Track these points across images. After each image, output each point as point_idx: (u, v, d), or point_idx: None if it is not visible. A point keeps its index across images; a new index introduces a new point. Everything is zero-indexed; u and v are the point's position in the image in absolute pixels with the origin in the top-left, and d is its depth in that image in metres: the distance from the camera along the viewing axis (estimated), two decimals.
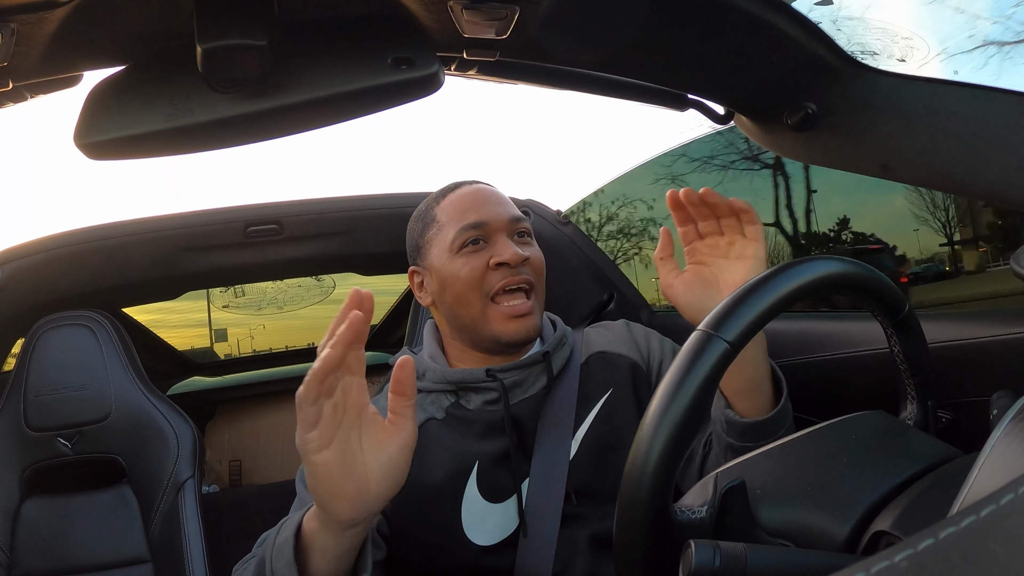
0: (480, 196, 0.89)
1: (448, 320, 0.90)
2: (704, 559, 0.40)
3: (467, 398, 0.87)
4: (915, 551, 0.17)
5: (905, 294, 0.60)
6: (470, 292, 0.85)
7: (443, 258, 0.87)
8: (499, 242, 0.86)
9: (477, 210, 0.87)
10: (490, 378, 0.85)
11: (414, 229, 0.93)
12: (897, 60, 0.78)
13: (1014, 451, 0.33)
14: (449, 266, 0.86)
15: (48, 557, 1.23)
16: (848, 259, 0.55)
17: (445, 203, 0.90)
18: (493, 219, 0.86)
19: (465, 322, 0.87)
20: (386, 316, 2.23)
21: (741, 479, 0.47)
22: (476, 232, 0.86)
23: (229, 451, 2.10)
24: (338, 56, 0.65)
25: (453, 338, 0.91)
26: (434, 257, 0.88)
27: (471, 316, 0.86)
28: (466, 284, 0.85)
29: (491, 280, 0.84)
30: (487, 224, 0.86)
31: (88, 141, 0.62)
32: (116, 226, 1.38)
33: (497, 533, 0.80)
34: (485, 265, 0.84)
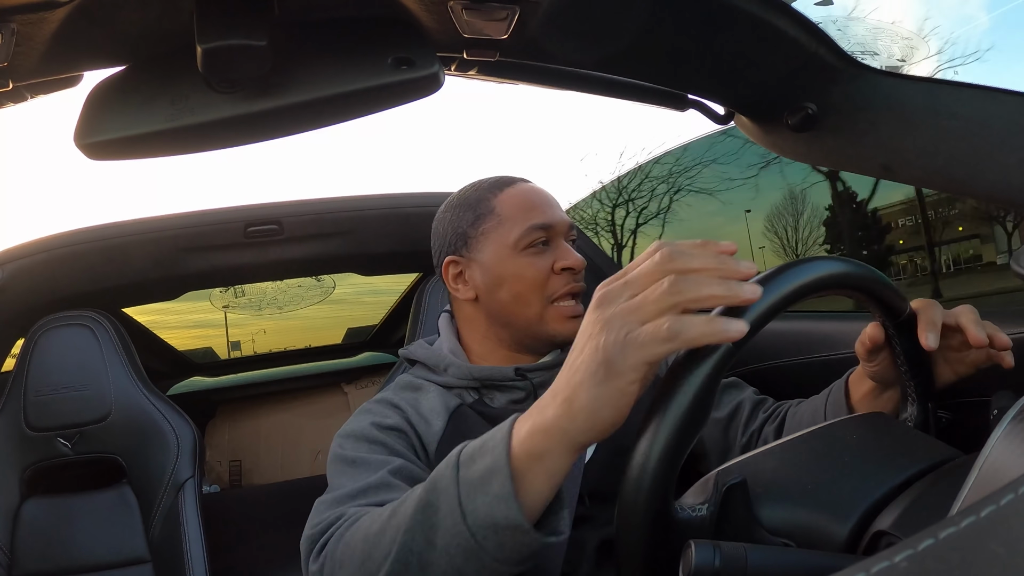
0: (543, 197, 0.88)
1: (493, 316, 0.88)
2: (704, 559, 0.40)
3: (491, 396, 0.85)
4: (915, 551, 0.17)
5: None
6: (533, 293, 0.84)
7: (503, 253, 0.85)
8: (561, 246, 0.86)
9: (543, 211, 0.86)
10: (519, 377, 0.84)
11: (461, 218, 0.89)
12: (897, 60, 0.78)
13: (1014, 451, 0.33)
14: (511, 264, 0.84)
15: (48, 557, 1.23)
16: (849, 259, 0.55)
17: (505, 197, 0.87)
18: (557, 223, 0.86)
19: (518, 321, 0.86)
20: (386, 316, 2.23)
21: (742, 477, 0.47)
22: (543, 234, 0.85)
23: (229, 451, 2.10)
24: (338, 56, 0.65)
25: (487, 334, 0.89)
26: (490, 251, 0.86)
27: (528, 316, 0.85)
28: (530, 285, 0.84)
29: (554, 284, 0.84)
30: (553, 227, 0.85)
31: (88, 141, 0.62)
32: (116, 226, 1.38)
33: None
34: (549, 268, 0.84)
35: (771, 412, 0.87)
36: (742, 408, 0.89)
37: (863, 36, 0.77)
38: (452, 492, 0.51)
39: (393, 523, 0.56)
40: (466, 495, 0.50)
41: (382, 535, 0.56)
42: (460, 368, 0.86)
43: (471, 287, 0.88)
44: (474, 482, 0.50)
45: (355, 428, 0.80)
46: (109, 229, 1.37)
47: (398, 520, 0.55)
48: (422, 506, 0.53)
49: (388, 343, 2.24)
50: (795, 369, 1.10)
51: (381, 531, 0.57)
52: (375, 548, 0.56)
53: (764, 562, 0.41)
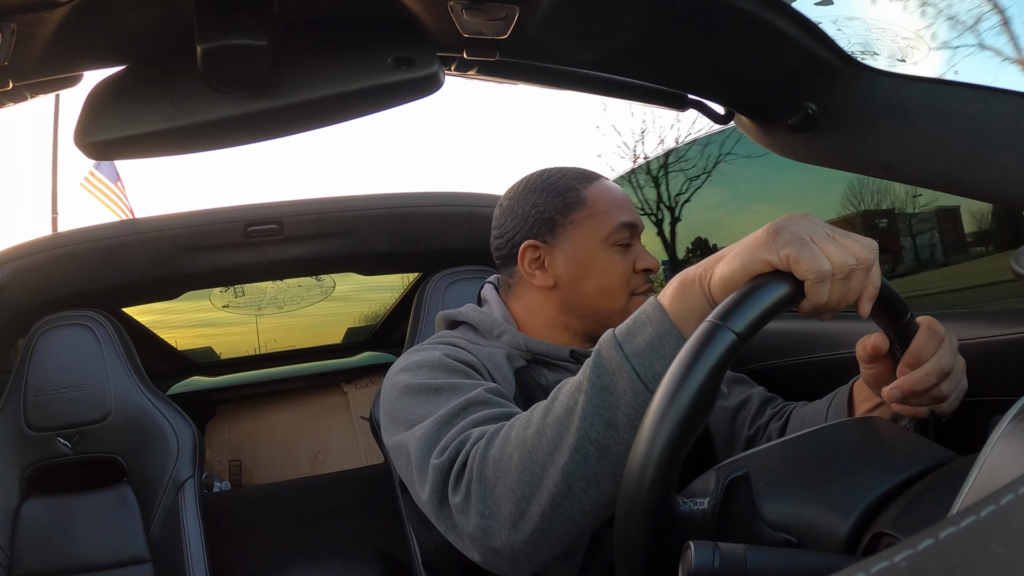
0: (627, 196, 0.91)
1: (570, 305, 0.87)
2: (703, 560, 0.40)
3: (539, 372, 0.84)
4: (915, 551, 0.17)
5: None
6: (619, 288, 0.86)
7: (593, 244, 0.86)
8: (640, 247, 0.89)
9: (631, 211, 0.88)
10: (573, 359, 0.84)
11: (548, 203, 0.87)
12: (897, 60, 0.78)
13: (1014, 451, 0.33)
14: (602, 256, 0.86)
15: (48, 557, 1.23)
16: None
17: (594, 190, 0.88)
18: (640, 224, 0.89)
19: (599, 313, 0.86)
20: (386, 316, 2.23)
21: (745, 470, 0.47)
22: (630, 233, 0.87)
23: (229, 451, 2.10)
24: (338, 56, 0.65)
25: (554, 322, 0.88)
26: (580, 240, 0.86)
27: (611, 308, 0.85)
28: (617, 280, 0.86)
29: (636, 282, 0.87)
30: (638, 227, 0.89)
31: (88, 141, 0.62)
32: (116, 226, 1.38)
33: None
34: (631, 267, 0.87)
35: (778, 410, 0.88)
36: (751, 402, 0.90)
37: (863, 36, 0.77)
38: (626, 366, 0.52)
39: (557, 421, 0.54)
40: (642, 365, 0.51)
41: (546, 437, 0.54)
42: (515, 337, 0.84)
43: (550, 275, 0.87)
44: (645, 351, 0.52)
45: (425, 358, 0.75)
46: (109, 229, 1.37)
47: (564, 415, 0.54)
48: (595, 391, 0.52)
49: (388, 343, 2.24)
50: (795, 369, 1.10)
51: (542, 433, 0.55)
52: (541, 452, 0.54)
53: (763, 563, 0.41)
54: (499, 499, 0.56)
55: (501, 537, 0.56)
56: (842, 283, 0.48)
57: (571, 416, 0.53)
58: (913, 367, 0.59)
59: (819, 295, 0.47)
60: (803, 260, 0.46)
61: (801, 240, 0.47)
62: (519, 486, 0.55)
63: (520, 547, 0.56)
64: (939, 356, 0.59)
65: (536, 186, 0.89)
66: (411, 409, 0.69)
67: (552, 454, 0.54)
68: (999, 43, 0.79)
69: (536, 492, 0.54)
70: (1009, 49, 0.78)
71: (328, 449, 2.09)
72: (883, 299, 0.55)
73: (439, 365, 0.73)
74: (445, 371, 0.72)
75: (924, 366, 0.58)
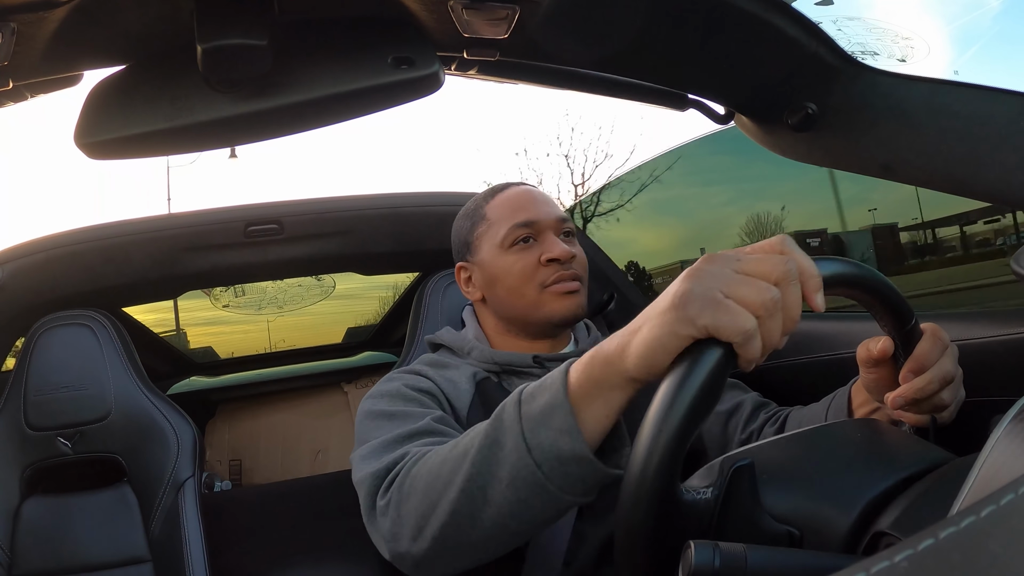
0: (530, 196, 0.95)
1: (498, 312, 0.95)
2: (704, 559, 0.40)
3: (509, 381, 0.90)
4: (915, 551, 0.17)
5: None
6: (524, 284, 0.90)
7: (494, 253, 0.92)
8: (548, 239, 0.91)
9: (527, 209, 0.92)
10: (537, 364, 0.89)
11: (462, 227, 0.98)
12: (897, 60, 0.78)
13: (1014, 451, 0.33)
14: (500, 261, 0.91)
15: (48, 557, 1.23)
16: (857, 263, 0.54)
17: (495, 202, 0.95)
18: (543, 218, 0.92)
19: (517, 312, 0.92)
20: (386, 316, 2.23)
21: (750, 459, 0.47)
22: (527, 230, 0.91)
23: (229, 451, 2.09)
24: (338, 56, 0.65)
25: (498, 328, 0.96)
26: (485, 253, 0.94)
27: (524, 305, 0.90)
28: (520, 277, 0.90)
29: (544, 274, 0.90)
30: (537, 222, 0.91)
31: (88, 141, 0.62)
32: (116, 226, 1.38)
33: None
34: (536, 261, 0.90)
35: (773, 414, 0.88)
36: (743, 406, 0.91)
37: (863, 36, 0.77)
38: (516, 428, 0.54)
39: (457, 458, 0.58)
40: (530, 430, 0.53)
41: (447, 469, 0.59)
42: (483, 352, 0.91)
43: (477, 288, 0.96)
44: (536, 417, 0.53)
45: (387, 389, 0.83)
46: (109, 229, 1.37)
47: (463, 455, 0.58)
48: (488, 443, 0.56)
49: (388, 343, 2.23)
50: (795, 369, 1.10)
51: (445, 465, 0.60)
52: (440, 482, 0.59)
53: (764, 562, 0.41)
54: (407, 512, 0.62)
55: (405, 544, 0.63)
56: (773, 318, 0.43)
57: (465, 458, 0.57)
58: (917, 373, 0.58)
59: (753, 349, 0.43)
60: (723, 327, 0.42)
61: (714, 302, 0.43)
62: (421, 505, 0.61)
63: (420, 556, 0.62)
64: (942, 363, 0.58)
65: (460, 214, 0.99)
66: (367, 432, 0.77)
67: (446, 488, 0.58)
68: (999, 43, 0.79)
69: (432, 515, 0.60)
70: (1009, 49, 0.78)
71: (328, 449, 2.09)
72: (888, 303, 0.55)
73: (397, 394, 0.81)
74: (401, 400, 0.80)
75: (927, 373, 0.58)
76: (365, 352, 2.22)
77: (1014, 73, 0.73)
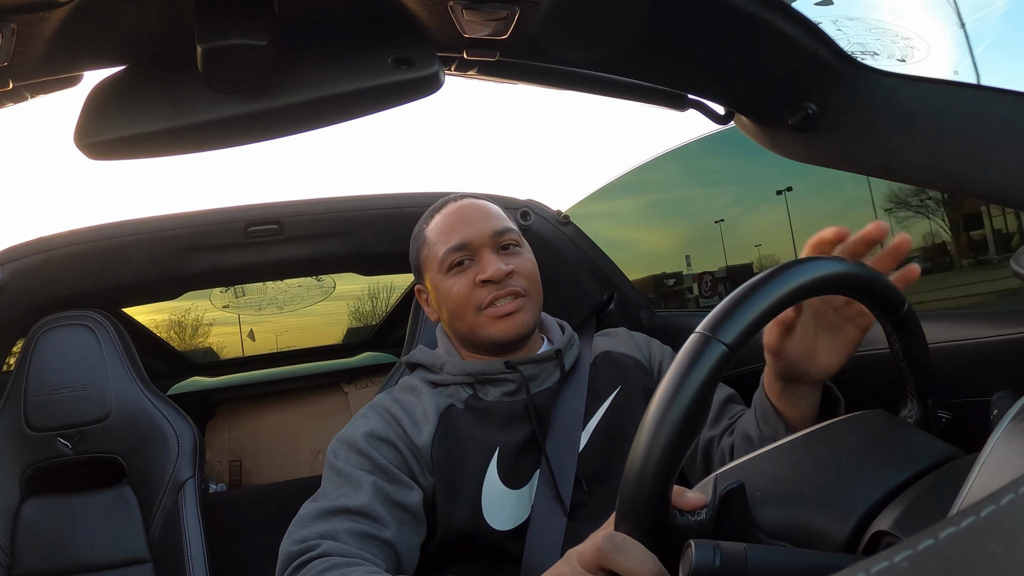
0: (461, 214, 0.93)
1: (451, 331, 0.96)
2: (704, 559, 0.40)
3: (485, 390, 0.90)
4: (915, 551, 0.17)
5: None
6: (462, 308, 0.90)
7: (436, 278, 0.93)
8: (484, 258, 0.90)
9: (459, 230, 0.91)
10: (509, 370, 0.89)
11: (411, 249, 0.99)
12: (897, 60, 0.78)
13: (1014, 451, 0.33)
14: (441, 285, 0.92)
15: (48, 557, 1.23)
16: (846, 260, 0.54)
17: (432, 224, 0.95)
18: (475, 237, 0.90)
19: (463, 333, 0.92)
20: (387, 316, 2.23)
21: (740, 482, 0.47)
22: (460, 253, 0.90)
23: (229, 451, 2.09)
24: (338, 56, 0.65)
25: (460, 346, 0.96)
26: (429, 277, 0.95)
27: (467, 327, 0.91)
28: (457, 302, 0.90)
29: (480, 295, 0.89)
30: (469, 243, 0.90)
31: (88, 141, 0.62)
32: (116, 226, 1.38)
33: (513, 519, 0.83)
34: (472, 282, 0.89)
35: (733, 422, 0.87)
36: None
37: (863, 36, 0.77)
38: None
39: None
40: None
41: None
42: (455, 364, 0.91)
43: (432, 309, 0.97)
44: None
45: (349, 435, 0.85)
46: (109, 229, 1.37)
47: None
48: None
49: (388, 343, 2.23)
50: None
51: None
52: None
53: (764, 562, 0.41)
54: None
55: None
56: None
57: None
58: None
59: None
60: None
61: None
62: None
63: None
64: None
65: (412, 236, 0.99)
66: (324, 481, 0.81)
67: None
68: (999, 43, 0.79)
69: None
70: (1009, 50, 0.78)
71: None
72: (878, 292, 0.55)
73: (352, 446, 0.83)
74: (355, 454, 0.82)
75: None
76: (365, 352, 2.22)
77: (1016, 75, 0.73)
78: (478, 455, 0.84)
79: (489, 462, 0.84)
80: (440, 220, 0.94)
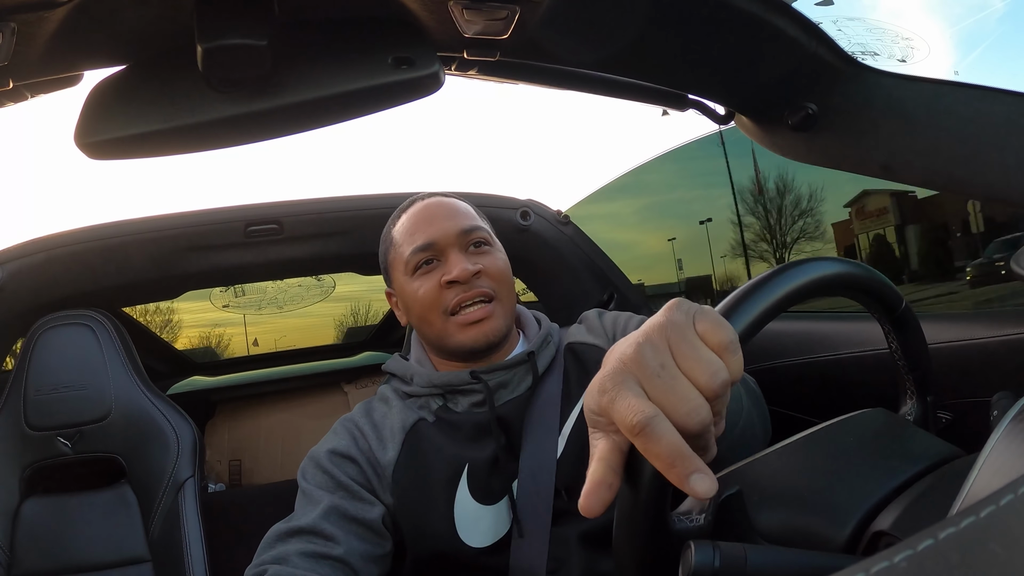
0: (427, 213, 0.89)
1: (421, 336, 0.93)
2: (704, 559, 0.40)
3: (454, 401, 0.87)
4: (915, 551, 0.17)
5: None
6: (429, 312, 0.86)
7: (402, 280, 0.89)
8: (451, 259, 0.86)
9: (424, 230, 0.87)
10: (475, 380, 0.85)
11: (380, 251, 0.95)
12: (897, 60, 0.78)
13: (1014, 451, 0.33)
14: (407, 288, 0.88)
15: (48, 557, 1.23)
16: (843, 259, 0.54)
17: (399, 224, 0.92)
18: (440, 237, 0.86)
19: (431, 338, 0.89)
20: (386, 316, 2.23)
21: (738, 487, 0.47)
22: (427, 253, 0.86)
23: (229, 451, 2.09)
24: (338, 56, 0.65)
25: (431, 352, 0.93)
26: (396, 280, 0.91)
27: (435, 333, 0.87)
28: (424, 305, 0.86)
29: (446, 298, 0.85)
30: (435, 243, 0.86)
31: (88, 141, 0.62)
32: (116, 226, 1.38)
33: (491, 535, 0.80)
34: (438, 284, 0.85)
35: None
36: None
37: (863, 36, 0.77)
38: None
39: None
40: None
41: None
42: (423, 376, 0.88)
43: (403, 312, 0.93)
44: None
45: (316, 453, 0.85)
46: (109, 229, 1.37)
47: None
48: None
49: (388, 343, 2.24)
50: (795, 369, 1.10)
51: None
52: None
53: (764, 562, 0.41)
54: None
55: None
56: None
57: None
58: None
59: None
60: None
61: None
62: None
63: None
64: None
65: (381, 238, 0.96)
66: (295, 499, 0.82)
67: None
68: (999, 43, 0.79)
69: None
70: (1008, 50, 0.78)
71: None
72: (877, 292, 0.55)
73: (317, 464, 0.83)
74: (320, 472, 0.82)
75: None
76: (365, 352, 2.22)
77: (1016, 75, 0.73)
78: (446, 473, 0.82)
79: (459, 479, 0.82)
80: (406, 220, 0.91)
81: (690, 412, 0.35)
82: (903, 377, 0.63)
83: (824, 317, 1.15)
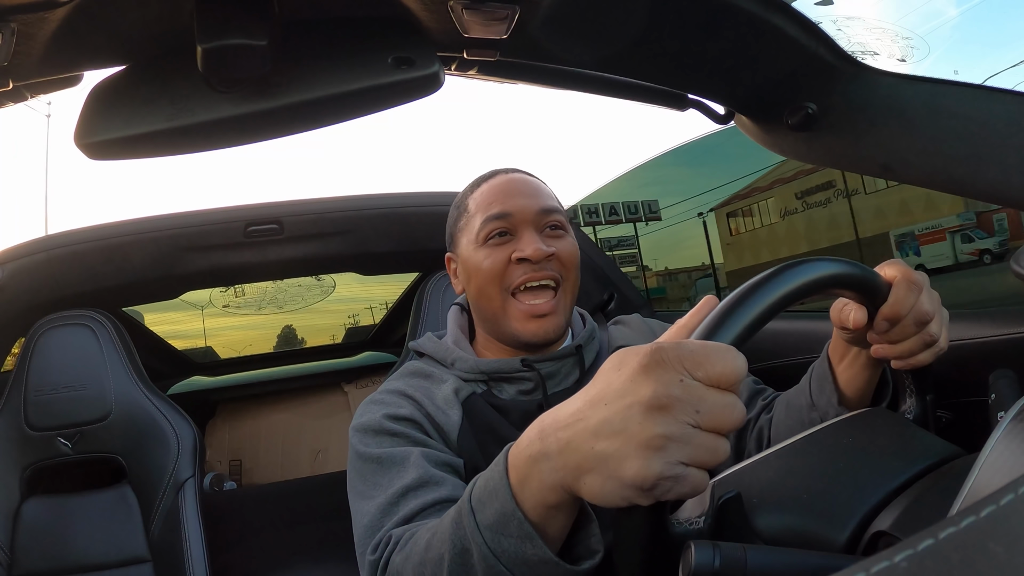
0: (510, 186, 0.87)
1: (474, 310, 0.90)
2: (704, 559, 0.40)
3: (499, 387, 0.85)
4: (915, 551, 0.17)
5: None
6: (490, 285, 0.84)
7: (470, 248, 0.86)
8: (524, 236, 0.84)
9: (503, 201, 0.85)
10: (526, 368, 0.84)
11: (451, 216, 0.93)
12: (897, 60, 0.78)
13: (1014, 451, 0.33)
14: (473, 256, 0.85)
15: (48, 557, 1.23)
16: (841, 259, 0.54)
17: (477, 192, 0.89)
18: (518, 211, 0.84)
19: (487, 315, 0.86)
20: (387, 316, 2.24)
21: (737, 491, 0.47)
22: (500, 224, 0.84)
23: (229, 451, 2.10)
24: (338, 56, 0.65)
25: (480, 327, 0.91)
26: (463, 246, 0.88)
27: (492, 310, 0.85)
28: (487, 277, 0.84)
29: (512, 275, 0.83)
30: (512, 216, 0.84)
31: (89, 141, 0.62)
32: (116, 226, 1.38)
33: None
34: (507, 259, 0.83)
35: (768, 402, 0.86)
36: (739, 393, 0.88)
37: (863, 36, 0.77)
38: (479, 539, 0.51)
39: (435, 563, 0.56)
40: (492, 539, 0.50)
41: (423, 570, 0.58)
42: (466, 362, 0.86)
43: (460, 281, 0.91)
44: (493, 526, 0.50)
45: (369, 421, 0.79)
46: (109, 229, 1.37)
47: (439, 562, 0.56)
48: (457, 551, 0.54)
49: (388, 343, 2.24)
50: (795, 369, 1.09)
51: (421, 566, 0.58)
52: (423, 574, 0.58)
53: (764, 562, 0.41)
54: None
55: None
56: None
57: (442, 563, 0.56)
58: (892, 321, 0.57)
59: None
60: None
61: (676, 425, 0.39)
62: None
63: None
64: (917, 306, 0.57)
65: (452, 204, 0.94)
66: (359, 482, 0.75)
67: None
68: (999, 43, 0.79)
69: None
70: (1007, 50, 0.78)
71: (328, 449, 2.09)
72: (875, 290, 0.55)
73: (380, 430, 0.77)
74: (386, 436, 0.76)
75: (904, 320, 0.57)
76: (365, 352, 2.22)
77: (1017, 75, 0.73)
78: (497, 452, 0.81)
79: None
80: (486, 189, 0.87)
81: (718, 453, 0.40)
82: (903, 375, 0.63)
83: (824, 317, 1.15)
